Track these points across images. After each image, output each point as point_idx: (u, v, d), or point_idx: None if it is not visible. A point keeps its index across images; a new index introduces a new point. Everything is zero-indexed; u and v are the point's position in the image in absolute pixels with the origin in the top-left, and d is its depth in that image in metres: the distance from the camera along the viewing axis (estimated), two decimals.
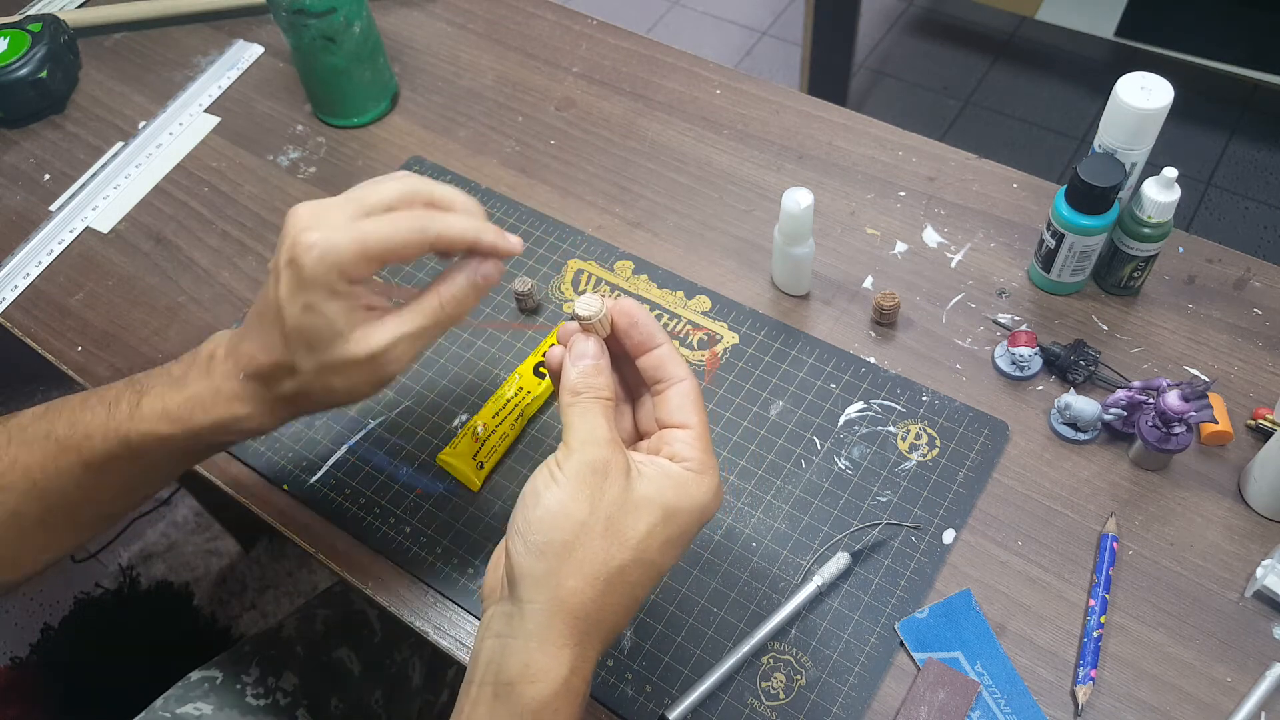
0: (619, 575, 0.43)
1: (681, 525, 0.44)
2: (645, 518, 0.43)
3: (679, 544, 0.45)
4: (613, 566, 0.42)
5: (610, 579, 0.43)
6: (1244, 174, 1.82)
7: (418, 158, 0.85)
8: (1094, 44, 1.91)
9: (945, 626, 0.57)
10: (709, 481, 0.45)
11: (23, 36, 0.90)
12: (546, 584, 0.42)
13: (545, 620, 0.42)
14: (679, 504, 0.44)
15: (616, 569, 0.43)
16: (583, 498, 0.42)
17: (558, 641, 0.42)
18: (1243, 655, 0.55)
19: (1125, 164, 0.63)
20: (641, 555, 0.43)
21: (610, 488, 0.43)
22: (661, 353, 0.48)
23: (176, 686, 0.78)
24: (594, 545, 0.42)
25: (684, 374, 0.47)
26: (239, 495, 0.67)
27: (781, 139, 0.83)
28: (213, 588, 1.49)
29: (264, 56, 0.96)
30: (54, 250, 0.82)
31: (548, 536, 0.42)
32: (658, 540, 0.44)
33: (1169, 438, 0.59)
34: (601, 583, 0.42)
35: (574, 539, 0.42)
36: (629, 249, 0.77)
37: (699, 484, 0.45)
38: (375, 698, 0.82)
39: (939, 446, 0.65)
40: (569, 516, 0.42)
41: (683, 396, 0.47)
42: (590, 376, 0.46)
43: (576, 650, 0.42)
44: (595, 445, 0.44)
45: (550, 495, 0.43)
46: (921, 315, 0.71)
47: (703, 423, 0.47)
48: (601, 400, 0.45)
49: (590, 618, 0.42)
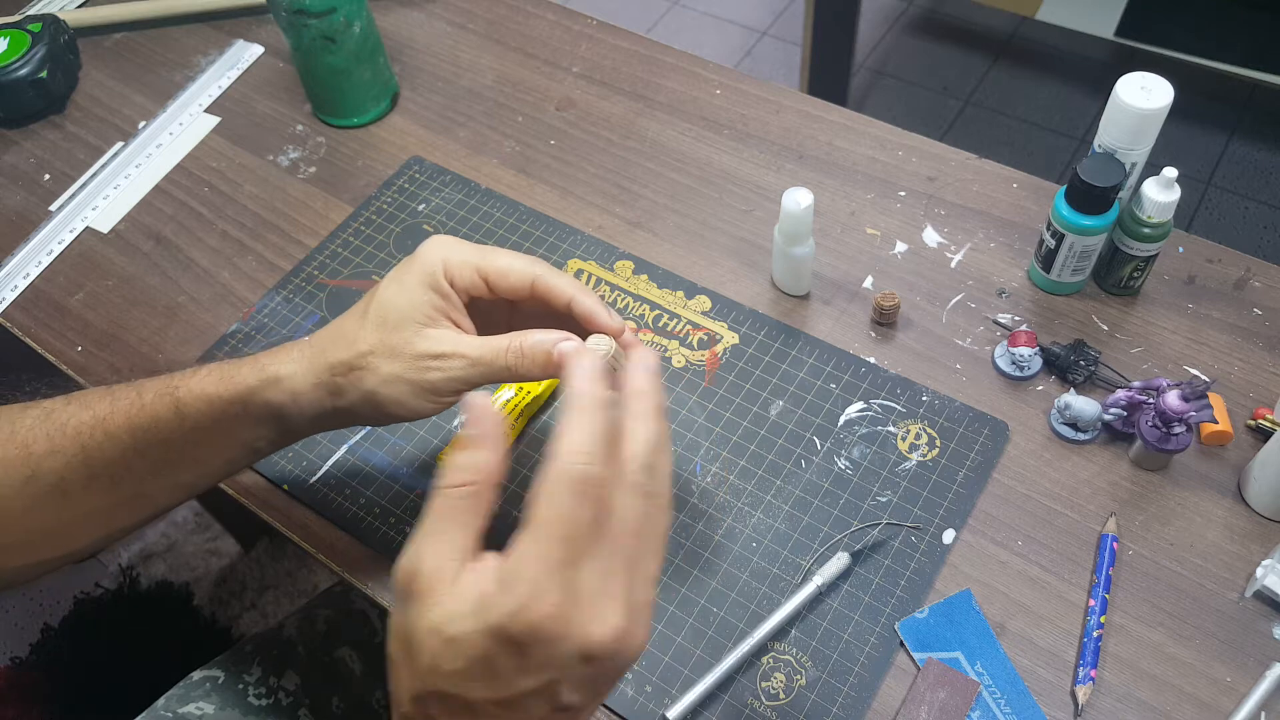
0: (419, 703, 0.38)
1: (471, 654, 0.36)
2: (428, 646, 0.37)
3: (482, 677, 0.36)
4: (412, 692, 0.38)
5: (411, 703, 0.38)
6: (1244, 174, 1.82)
7: (418, 158, 0.85)
8: (1094, 44, 1.91)
9: (945, 626, 0.57)
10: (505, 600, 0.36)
11: (23, 36, 0.90)
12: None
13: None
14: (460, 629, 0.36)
15: (413, 697, 0.38)
16: (394, 621, 0.39)
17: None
18: (1243, 655, 0.55)
19: (1125, 164, 0.63)
20: (432, 687, 0.37)
21: (404, 612, 0.38)
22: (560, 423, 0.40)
23: (178, 686, 0.78)
24: (399, 670, 0.39)
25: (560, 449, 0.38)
26: (239, 495, 0.67)
27: (781, 139, 0.83)
28: (213, 588, 1.49)
29: (264, 56, 0.96)
30: (54, 250, 0.82)
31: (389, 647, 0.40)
32: (442, 672, 0.37)
33: (1169, 438, 0.59)
34: (404, 706, 0.39)
35: (393, 657, 0.39)
36: (629, 249, 0.77)
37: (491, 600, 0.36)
38: (377, 697, 0.82)
39: (939, 446, 0.65)
40: (391, 634, 0.39)
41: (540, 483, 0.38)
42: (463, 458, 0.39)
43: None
44: (409, 560, 0.38)
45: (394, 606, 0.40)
46: (921, 315, 0.71)
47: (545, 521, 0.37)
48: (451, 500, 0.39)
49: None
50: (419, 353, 0.50)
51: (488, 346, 0.50)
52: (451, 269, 0.51)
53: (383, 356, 0.50)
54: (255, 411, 0.53)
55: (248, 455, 0.56)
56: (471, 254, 0.51)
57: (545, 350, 0.49)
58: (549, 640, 0.36)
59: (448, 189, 0.82)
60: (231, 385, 0.52)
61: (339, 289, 0.77)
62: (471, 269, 0.51)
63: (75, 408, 0.53)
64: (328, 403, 0.52)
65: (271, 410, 0.53)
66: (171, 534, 1.55)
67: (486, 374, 0.50)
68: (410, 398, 0.50)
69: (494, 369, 0.50)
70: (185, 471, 0.55)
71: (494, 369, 0.50)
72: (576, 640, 0.37)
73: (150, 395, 0.53)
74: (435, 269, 0.50)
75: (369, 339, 0.50)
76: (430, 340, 0.50)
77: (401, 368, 0.50)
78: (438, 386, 0.50)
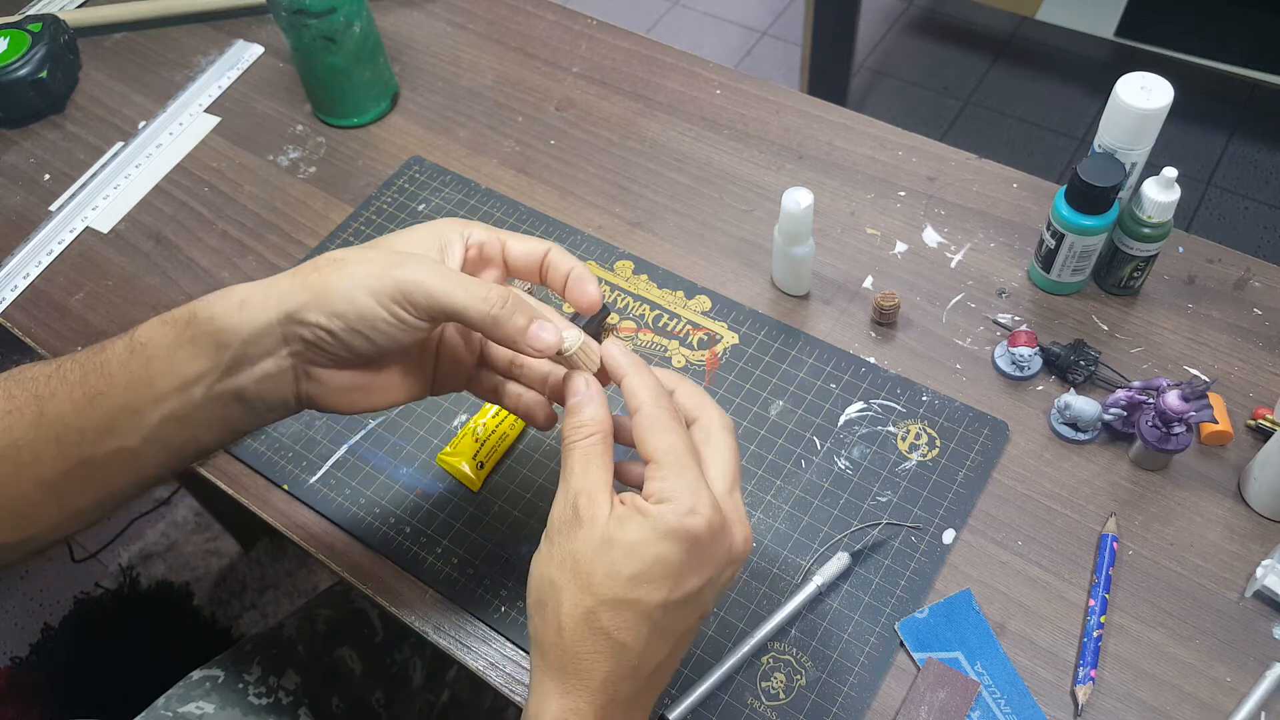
0: (585, 622, 0.42)
1: (651, 557, 0.42)
2: (602, 558, 0.42)
3: (662, 578, 0.42)
4: (576, 614, 0.42)
5: (575, 628, 0.42)
6: (1244, 174, 1.82)
7: (418, 158, 0.85)
8: (1094, 44, 1.91)
9: (945, 626, 0.57)
10: (676, 508, 0.43)
11: (23, 36, 0.90)
12: (535, 640, 0.44)
13: (537, 673, 0.44)
14: (638, 536, 0.42)
15: (581, 615, 0.42)
16: (553, 558, 0.44)
17: (543, 691, 0.44)
18: (1243, 655, 0.55)
19: (1125, 164, 0.63)
20: (606, 596, 0.42)
21: (571, 540, 0.43)
22: (624, 386, 0.47)
23: (178, 685, 0.78)
24: (560, 599, 0.43)
25: (641, 401, 0.45)
26: (239, 495, 0.67)
27: (781, 139, 0.83)
28: (213, 587, 1.49)
29: (264, 56, 0.96)
30: (54, 250, 0.82)
31: (531, 599, 0.45)
32: (621, 578, 0.42)
33: (1169, 438, 0.59)
34: (567, 633, 0.42)
35: (545, 597, 0.44)
36: (629, 249, 0.77)
37: (664, 512, 0.42)
38: (376, 697, 0.82)
39: (939, 446, 0.65)
40: (542, 577, 0.44)
41: (641, 428, 0.45)
42: (576, 417, 0.46)
43: (561, 700, 0.43)
44: (566, 499, 0.44)
45: (534, 560, 0.45)
46: (921, 315, 0.71)
47: (666, 447, 0.44)
48: (583, 448, 0.45)
49: (568, 667, 0.43)
50: (394, 249, 0.48)
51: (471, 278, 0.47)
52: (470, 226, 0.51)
53: (357, 254, 0.47)
54: (199, 330, 0.47)
55: (184, 407, 0.48)
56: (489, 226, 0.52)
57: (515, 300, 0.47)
58: (712, 541, 0.44)
59: (448, 189, 0.82)
60: (190, 305, 0.48)
61: None
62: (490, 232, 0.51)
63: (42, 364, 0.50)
64: (272, 309, 0.46)
65: (214, 327, 0.47)
66: (171, 534, 1.55)
67: (460, 301, 0.46)
68: (369, 295, 0.45)
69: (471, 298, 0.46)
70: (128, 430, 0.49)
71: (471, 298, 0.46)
72: (726, 543, 0.44)
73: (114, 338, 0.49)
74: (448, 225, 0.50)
75: (348, 249, 0.48)
76: (414, 244, 0.48)
77: (371, 264, 0.46)
78: (403, 286, 0.45)
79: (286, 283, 0.47)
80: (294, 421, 0.70)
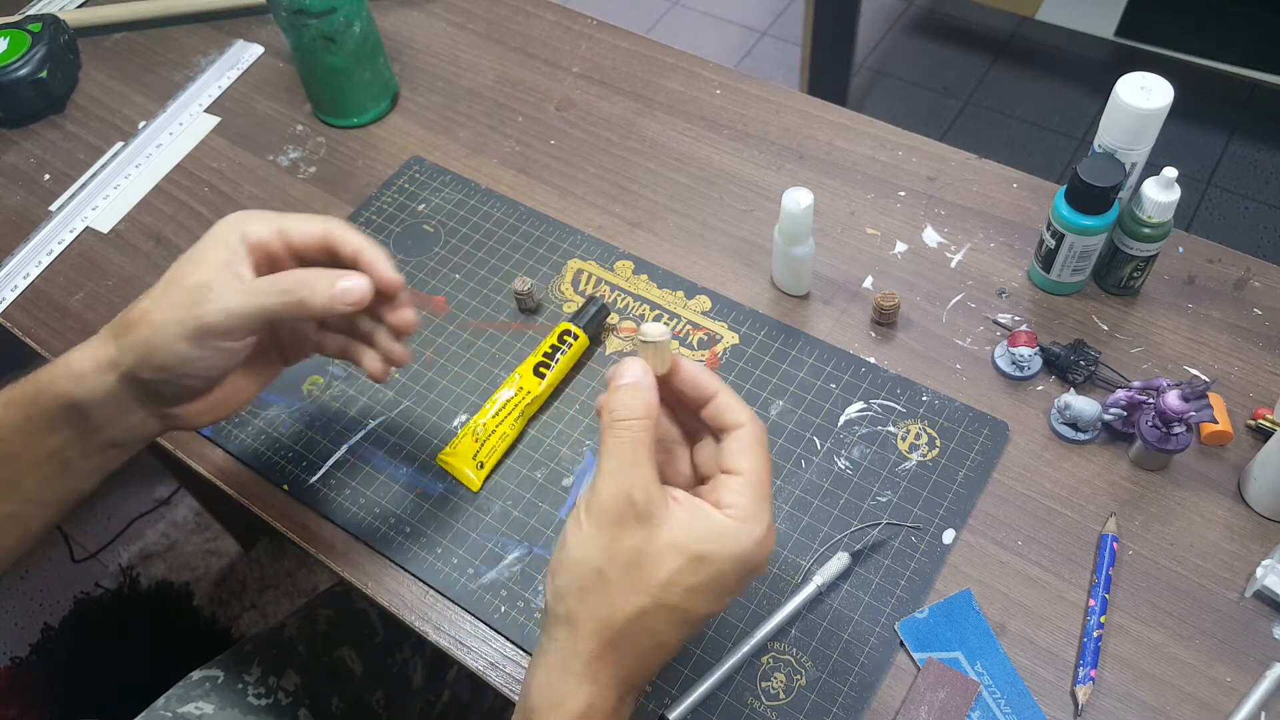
0: (637, 620, 0.43)
1: (714, 573, 0.43)
2: (668, 564, 0.43)
3: (712, 591, 0.44)
4: (629, 612, 0.43)
5: (626, 624, 0.43)
6: (1244, 174, 1.82)
7: (417, 158, 0.85)
8: (1094, 44, 1.91)
9: (945, 626, 0.57)
10: (753, 530, 0.44)
11: (22, 36, 0.90)
12: (567, 625, 0.43)
13: (564, 658, 0.43)
14: (712, 551, 0.43)
15: (635, 614, 0.43)
16: (600, 545, 0.42)
17: (577, 679, 0.43)
18: (1242, 655, 0.55)
19: (1125, 164, 0.63)
20: (663, 600, 0.43)
21: (629, 535, 0.42)
22: (719, 401, 0.46)
23: (178, 686, 0.78)
24: (611, 590, 0.42)
25: (743, 420, 0.46)
26: (239, 495, 0.67)
27: (781, 139, 0.83)
28: (213, 588, 1.49)
29: (264, 56, 0.96)
30: (54, 250, 0.82)
31: (568, 581, 0.43)
32: (682, 586, 0.43)
33: (1169, 438, 0.59)
34: (616, 628, 0.43)
35: (590, 585, 0.43)
36: (629, 249, 0.77)
37: (740, 532, 0.43)
38: (376, 697, 0.82)
39: (939, 446, 0.65)
40: (586, 562, 0.43)
41: (739, 442, 0.45)
42: (628, 397, 0.44)
43: (593, 688, 0.43)
44: (614, 483, 0.43)
45: (573, 540, 0.43)
46: (921, 315, 0.71)
47: (757, 469, 0.45)
48: (633, 433, 0.43)
49: (606, 658, 0.43)
50: (191, 284, 0.49)
51: (264, 281, 0.50)
52: (248, 225, 0.51)
53: (158, 304, 0.49)
54: (48, 407, 0.50)
55: (59, 470, 0.52)
56: (268, 215, 0.52)
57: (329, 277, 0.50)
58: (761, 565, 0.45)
59: (448, 189, 0.82)
60: (29, 383, 0.51)
61: None
62: (268, 224, 0.51)
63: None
64: (110, 376, 0.50)
65: (63, 402, 0.50)
66: (171, 534, 1.55)
67: (263, 307, 0.49)
68: (183, 341, 0.49)
69: (270, 299, 0.49)
70: (10, 499, 0.52)
71: (270, 299, 0.49)
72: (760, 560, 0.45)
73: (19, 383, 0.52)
74: (227, 230, 0.51)
75: (149, 295, 0.50)
76: (205, 271, 0.49)
77: (174, 309, 0.49)
78: (210, 322, 0.48)
79: (110, 350, 0.50)
80: (294, 421, 0.70)
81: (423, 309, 0.75)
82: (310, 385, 0.72)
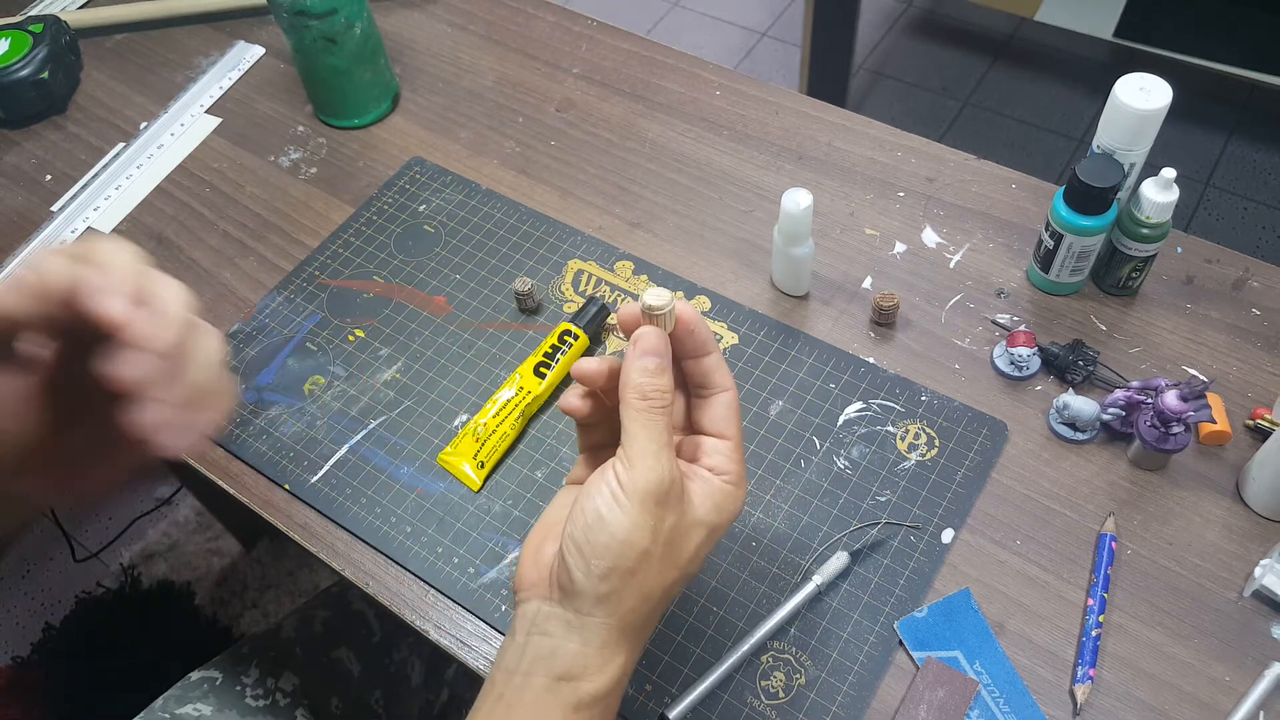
0: (668, 591, 0.46)
1: (717, 537, 0.47)
2: (694, 538, 0.45)
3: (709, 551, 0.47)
4: (665, 585, 0.45)
5: (662, 597, 0.45)
6: (1243, 174, 1.83)
7: (418, 158, 0.85)
8: (1093, 45, 1.91)
9: (944, 625, 0.58)
10: (741, 494, 0.47)
11: (24, 37, 0.91)
12: (608, 604, 0.44)
13: (605, 634, 0.44)
14: (722, 520, 0.46)
15: (669, 586, 0.45)
16: (646, 527, 0.43)
17: (614, 649, 0.44)
18: (1241, 655, 0.56)
19: (1124, 164, 0.64)
20: (686, 571, 0.46)
21: (670, 515, 0.44)
22: (711, 360, 0.47)
23: (176, 687, 0.79)
24: (653, 569, 0.44)
25: (729, 384, 0.48)
26: (240, 495, 0.67)
27: (781, 140, 0.84)
28: (214, 587, 1.49)
29: (265, 57, 0.96)
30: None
31: (613, 564, 0.43)
32: (701, 556, 0.46)
33: (1167, 437, 0.59)
34: (655, 601, 0.45)
35: (637, 566, 0.43)
36: (629, 249, 0.77)
37: (735, 497, 0.47)
38: (375, 698, 0.82)
39: (938, 446, 0.65)
40: (634, 546, 0.43)
41: (726, 407, 0.47)
42: (656, 377, 0.45)
43: (627, 654, 0.45)
44: (658, 466, 0.43)
45: (615, 522, 0.43)
46: (920, 315, 0.71)
47: (740, 434, 0.48)
48: (665, 409, 0.45)
49: (641, 628, 0.46)
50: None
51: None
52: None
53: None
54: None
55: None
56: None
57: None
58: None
59: (448, 190, 0.83)
60: None
61: (340, 289, 0.77)
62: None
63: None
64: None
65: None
66: (173, 533, 1.55)
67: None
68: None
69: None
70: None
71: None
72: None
73: None
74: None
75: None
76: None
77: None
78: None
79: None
80: (295, 421, 0.70)
81: (423, 309, 0.75)
82: (311, 385, 0.72)
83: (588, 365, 0.48)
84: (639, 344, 0.45)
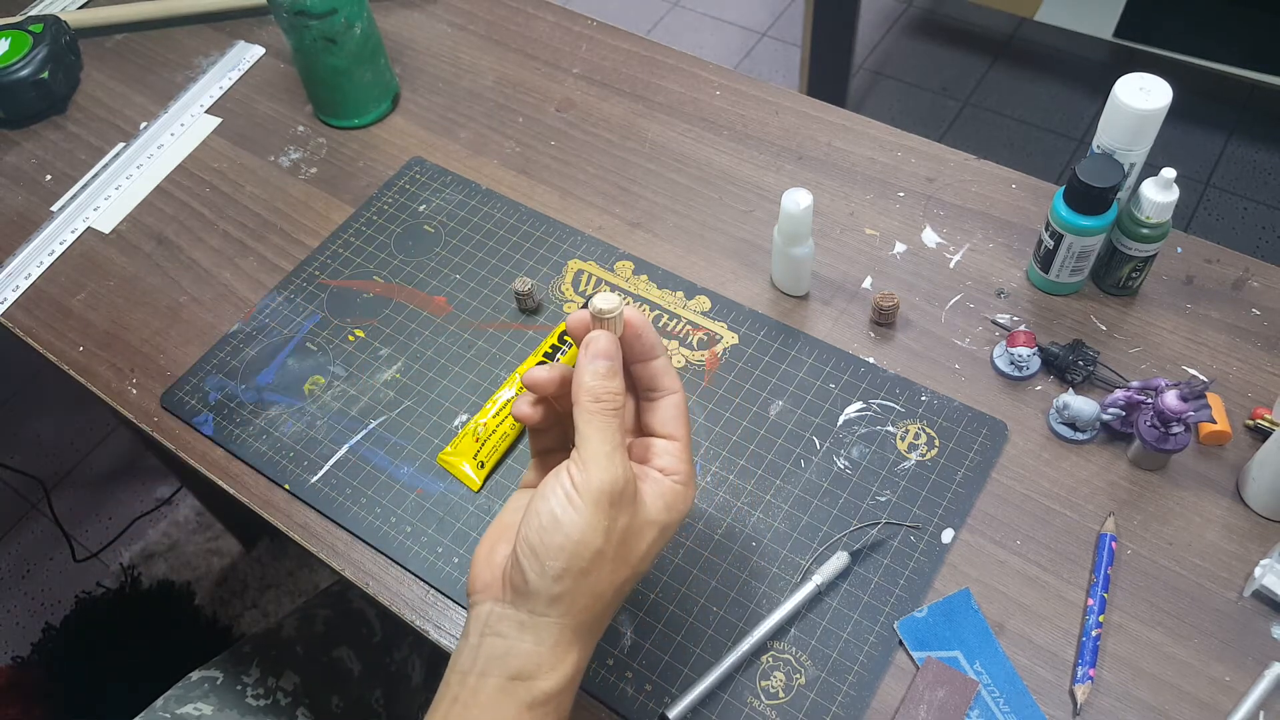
0: (620, 590, 0.47)
1: (669, 535, 0.48)
2: (646, 538, 0.47)
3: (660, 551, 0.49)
4: (617, 584, 0.46)
5: (613, 595, 0.46)
6: (1243, 174, 1.83)
7: (418, 159, 0.85)
8: (1093, 45, 1.91)
9: (944, 625, 0.58)
10: (691, 493, 0.49)
11: (24, 37, 0.91)
12: (561, 604, 0.45)
13: (558, 633, 0.45)
14: (673, 519, 0.47)
15: (620, 584, 0.46)
16: (600, 528, 0.44)
17: (567, 648, 0.45)
18: (1241, 654, 0.56)
19: (1124, 164, 0.64)
20: (638, 569, 0.47)
21: (623, 516, 0.45)
22: (659, 364, 0.49)
23: (177, 686, 0.79)
24: (605, 569, 0.45)
25: (676, 386, 0.49)
26: (240, 495, 0.67)
27: (781, 140, 0.84)
28: (214, 587, 1.49)
29: (265, 57, 0.96)
30: (55, 250, 0.82)
31: (567, 565, 0.44)
32: (652, 554, 0.47)
33: (1167, 437, 0.59)
34: (607, 600, 0.46)
35: (590, 566, 0.44)
36: (629, 249, 0.77)
37: (685, 496, 0.48)
38: (375, 697, 0.82)
39: (938, 446, 0.65)
40: (588, 546, 0.44)
41: (674, 409, 0.49)
42: (608, 380, 0.46)
43: (580, 653, 0.46)
44: (611, 467, 0.45)
45: (570, 523, 0.44)
46: (920, 315, 0.71)
47: (688, 435, 0.49)
48: (617, 411, 0.46)
49: (594, 626, 0.47)
50: None
51: None
52: None
53: None
54: None
55: None
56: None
57: None
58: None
59: (448, 190, 0.83)
60: None
61: (340, 289, 0.77)
62: None
63: None
64: None
65: None
66: (173, 534, 1.55)
67: None
68: None
69: None
70: None
71: None
72: None
73: None
74: None
75: None
76: None
77: None
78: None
79: None
80: (295, 421, 0.70)
81: (424, 309, 0.75)
82: (311, 385, 0.72)
83: (539, 373, 0.49)
84: (591, 347, 0.47)
